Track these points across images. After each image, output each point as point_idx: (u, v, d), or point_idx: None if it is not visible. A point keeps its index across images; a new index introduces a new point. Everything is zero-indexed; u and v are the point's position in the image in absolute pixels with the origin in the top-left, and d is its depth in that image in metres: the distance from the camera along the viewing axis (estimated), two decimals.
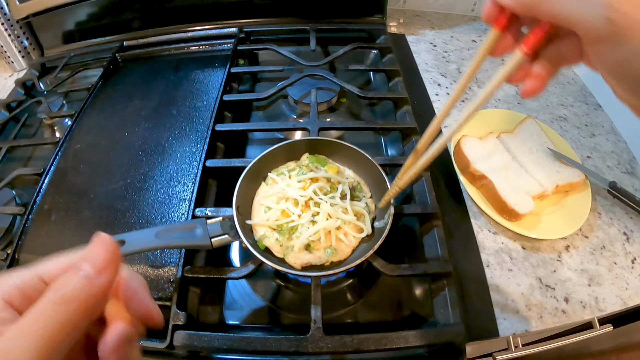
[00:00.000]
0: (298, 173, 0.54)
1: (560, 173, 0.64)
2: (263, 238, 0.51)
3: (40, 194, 0.64)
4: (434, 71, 0.88)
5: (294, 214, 0.50)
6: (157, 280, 0.53)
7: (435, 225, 0.56)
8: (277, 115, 0.80)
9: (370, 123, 0.69)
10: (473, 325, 0.51)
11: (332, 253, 0.49)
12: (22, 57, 0.96)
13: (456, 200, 0.65)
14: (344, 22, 0.93)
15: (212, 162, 0.62)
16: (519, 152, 0.67)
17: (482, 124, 0.72)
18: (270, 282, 0.57)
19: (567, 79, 0.89)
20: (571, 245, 0.61)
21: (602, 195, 0.66)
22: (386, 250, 0.48)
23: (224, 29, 0.92)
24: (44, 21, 0.93)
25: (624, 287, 0.57)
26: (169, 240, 0.45)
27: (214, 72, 0.83)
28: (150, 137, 0.71)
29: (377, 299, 0.55)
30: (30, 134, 0.81)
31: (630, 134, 0.75)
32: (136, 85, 0.82)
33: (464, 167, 0.64)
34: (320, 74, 0.78)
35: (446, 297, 0.50)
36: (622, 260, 0.59)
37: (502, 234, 0.61)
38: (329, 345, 0.45)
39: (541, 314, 0.54)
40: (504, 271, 0.57)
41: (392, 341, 0.45)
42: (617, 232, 0.62)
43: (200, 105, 0.75)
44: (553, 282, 0.57)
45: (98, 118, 0.76)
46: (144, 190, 0.63)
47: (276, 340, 0.45)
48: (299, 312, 0.54)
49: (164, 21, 0.94)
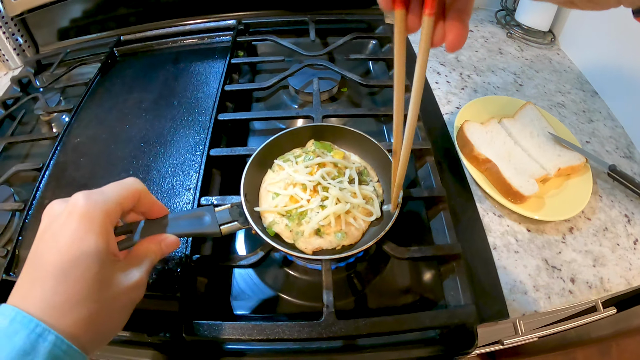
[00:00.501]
0: (305, 159, 0.53)
1: (561, 157, 0.65)
2: (272, 224, 0.50)
3: (40, 189, 0.63)
4: (432, 60, 0.88)
5: (302, 199, 0.50)
6: (163, 270, 0.52)
7: (442, 208, 0.56)
8: (278, 105, 0.80)
9: (373, 110, 0.69)
10: (483, 308, 0.52)
11: (343, 237, 0.49)
12: (17, 54, 0.94)
13: (461, 185, 0.65)
14: (343, 12, 0.93)
15: (216, 151, 0.62)
16: (521, 137, 0.68)
17: (482, 110, 0.73)
18: (278, 270, 0.57)
19: (563, 67, 0.90)
20: (575, 227, 0.61)
21: (602, 179, 0.67)
22: (394, 234, 0.48)
23: (222, 21, 0.91)
24: (38, 18, 0.91)
25: (628, 268, 0.57)
26: (177, 229, 0.44)
27: (213, 64, 0.82)
28: (151, 128, 0.70)
29: (385, 285, 0.55)
30: (27, 131, 0.79)
31: (627, 120, 0.76)
32: (135, 79, 0.81)
33: (467, 151, 0.65)
34: (321, 64, 0.78)
35: (456, 279, 0.50)
36: (624, 242, 0.60)
37: (507, 217, 0.62)
38: (342, 329, 0.44)
39: (549, 294, 0.54)
40: (511, 253, 0.58)
41: (406, 323, 0.45)
42: (618, 215, 0.63)
43: (201, 96, 0.75)
44: (559, 264, 0.57)
45: (97, 112, 0.75)
46: (148, 181, 0.62)
47: (289, 327, 0.45)
48: (307, 299, 0.54)
49: (161, 15, 0.93)
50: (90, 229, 0.32)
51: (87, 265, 0.31)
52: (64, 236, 0.32)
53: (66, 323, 0.30)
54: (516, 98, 0.78)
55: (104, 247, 0.33)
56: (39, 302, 0.30)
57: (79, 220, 0.33)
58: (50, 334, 0.28)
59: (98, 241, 0.32)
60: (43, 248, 0.33)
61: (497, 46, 0.95)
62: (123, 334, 0.50)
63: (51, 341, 0.28)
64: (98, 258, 0.32)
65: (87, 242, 0.32)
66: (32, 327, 0.28)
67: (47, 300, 0.30)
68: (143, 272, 0.37)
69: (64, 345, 0.29)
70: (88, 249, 0.32)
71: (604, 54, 0.83)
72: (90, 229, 0.32)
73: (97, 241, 0.32)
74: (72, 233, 0.32)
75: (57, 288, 0.30)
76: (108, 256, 0.33)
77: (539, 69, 0.89)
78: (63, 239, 0.32)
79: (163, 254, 0.41)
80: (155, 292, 0.51)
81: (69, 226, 0.32)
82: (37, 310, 0.29)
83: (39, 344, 0.28)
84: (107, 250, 0.33)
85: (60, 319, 0.30)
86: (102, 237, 0.33)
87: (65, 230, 0.32)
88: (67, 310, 0.30)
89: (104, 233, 0.33)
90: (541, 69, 0.89)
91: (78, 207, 0.33)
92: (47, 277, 0.30)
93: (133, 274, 0.36)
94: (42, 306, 0.30)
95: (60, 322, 0.29)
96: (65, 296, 0.30)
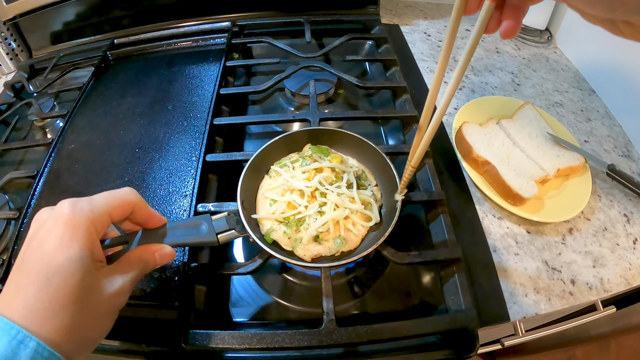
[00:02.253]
0: (302, 164, 0.53)
1: (560, 157, 0.64)
2: (270, 231, 0.50)
3: (35, 197, 0.62)
4: (429, 60, 0.88)
5: (300, 206, 0.49)
6: (161, 279, 0.52)
7: (441, 212, 0.55)
8: (274, 108, 0.79)
9: (371, 112, 0.68)
10: (484, 311, 0.51)
11: (342, 243, 0.49)
12: (10, 59, 0.93)
13: (460, 187, 0.65)
14: (338, 13, 0.93)
15: (212, 157, 0.61)
16: (519, 138, 0.67)
17: (481, 110, 0.72)
18: (277, 276, 0.56)
19: (560, 66, 0.90)
20: (574, 227, 0.61)
21: (601, 179, 0.67)
22: (393, 238, 0.48)
23: (217, 23, 0.90)
24: (31, 22, 0.90)
25: (627, 268, 0.57)
26: (174, 239, 0.43)
27: (208, 67, 0.81)
28: (146, 133, 0.69)
29: (385, 289, 0.55)
30: (21, 137, 0.78)
31: (625, 118, 0.76)
32: (129, 83, 0.80)
33: (466, 153, 0.64)
34: (317, 66, 0.77)
35: (456, 283, 0.50)
36: (623, 242, 0.60)
37: (507, 219, 0.61)
38: (343, 337, 0.44)
39: (549, 296, 0.54)
40: (511, 255, 0.57)
41: (406, 329, 0.45)
42: (617, 214, 0.63)
43: (196, 100, 0.74)
44: (559, 265, 0.57)
45: (91, 117, 0.74)
46: (143, 188, 0.61)
47: (289, 335, 0.44)
48: (307, 305, 0.53)
49: (155, 18, 0.92)
50: (74, 237, 0.33)
51: (71, 272, 0.31)
52: (49, 242, 0.32)
53: (48, 330, 0.30)
54: (514, 98, 0.77)
55: (88, 254, 0.33)
56: (22, 309, 0.30)
57: (64, 227, 0.33)
58: (31, 340, 0.28)
59: (82, 248, 0.33)
60: (29, 254, 0.33)
61: (494, 45, 0.95)
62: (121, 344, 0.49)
63: (32, 348, 0.28)
64: (81, 265, 0.32)
65: (71, 249, 0.32)
66: (13, 333, 0.28)
67: (30, 306, 0.30)
68: (127, 280, 0.37)
69: (45, 352, 0.29)
70: (72, 255, 0.32)
71: (601, 51, 0.83)
72: (74, 237, 0.33)
73: (81, 248, 0.33)
74: (56, 240, 0.32)
75: (40, 294, 0.30)
76: (92, 263, 0.34)
77: (536, 68, 0.89)
78: (48, 245, 0.32)
79: (156, 264, 0.40)
80: (154, 302, 0.50)
81: (54, 233, 0.33)
82: (20, 317, 0.29)
83: (20, 350, 0.28)
84: (91, 257, 0.33)
85: (42, 326, 0.30)
86: (87, 244, 0.33)
87: (51, 237, 0.32)
88: (50, 316, 0.30)
89: (88, 241, 0.33)
90: (538, 68, 0.89)
91: (63, 214, 0.33)
92: (31, 283, 0.31)
93: (117, 280, 0.36)
94: (25, 313, 0.30)
95: (42, 328, 0.29)
96: (48, 303, 0.30)
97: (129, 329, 0.50)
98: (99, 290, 0.34)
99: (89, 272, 0.33)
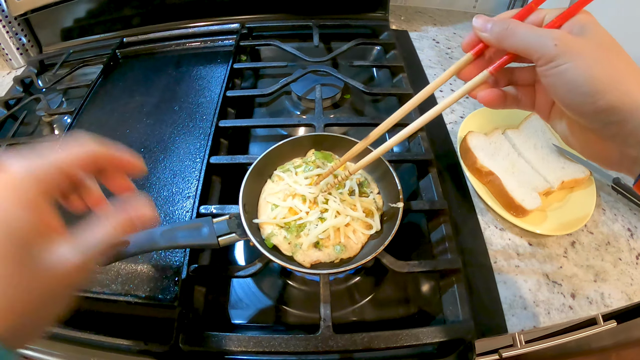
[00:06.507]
0: (304, 169, 0.53)
1: (565, 169, 0.64)
2: (271, 236, 0.50)
3: None
4: (437, 67, 0.88)
5: (301, 211, 0.49)
6: (161, 280, 0.52)
7: (443, 221, 0.55)
8: (280, 111, 0.80)
9: (376, 119, 0.68)
10: (482, 322, 0.51)
11: (342, 250, 0.49)
12: (20, 54, 0.94)
13: (462, 197, 0.64)
14: (347, 18, 0.93)
15: (216, 159, 0.61)
16: (525, 149, 0.67)
17: (486, 120, 0.72)
18: (277, 280, 0.57)
19: None
20: (577, 241, 0.61)
21: (605, 192, 0.67)
22: (393, 247, 0.48)
23: (226, 25, 0.91)
24: (42, 18, 0.91)
25: (629, 283, 0.57)
26: (175, 240, 0.44)
27: (216, 68, 0.82)
28: (152, 133, 0.70)
29: (384, 297, 0.55)
30: (29, 132, 0.79)
31: None
32: (137, 82, 0.81)
33: (470, 163, 0.64)
34: (324, 70, 0.77)
35: (455, 293, 0.50)
36: (626, 256, 0.60)
37: (509, 230, 0.61)
38: (339, 343, 0.44)
39: (549, 310, 0.54)
40: (511, 267, 0.57)
41: (403, 339, 0.45)
42: (621, 228, 0.63)
43: (202, 101, 0.74)
44: (560, 278, 0.57)
45: (99, 115, 0.75)
46: (147, 188, 0.62)
47: (286, 340, 0.45)
48: (306, 310, 0.54)
49: (165, 17, 0.93)
50: (17, 200, 0.27)
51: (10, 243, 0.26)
52: None
53: None
54: None
55: (34, 221, 0.27)
56: None
57: (4, 189, 0.27)
58: None
59: (26, 213, 0.27)
60: None
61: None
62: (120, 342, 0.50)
63: None
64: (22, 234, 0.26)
65: (13, 215, 0.26)
66: None
67: None
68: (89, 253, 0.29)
69: None
70: (13, 222, 0.26)
71: None
72: (17, 200, 0.27)
73: (24, 214, 0.27)
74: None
75: None
76: (39, 233, 0.28)
77: None
78: None
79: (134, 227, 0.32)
80: (153, 302, 0.50)
81: None
82: None
83: None
84: (37, 225, 0.28)
85: None
86: (33, 209, 0.27)
87: None
88: None
89: (34, 205, 0.28)
90: None
91: (8, 174, 0.28)
92: None
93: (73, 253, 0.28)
94: None
95: None
96: None
97: (127, 327, 0.50)
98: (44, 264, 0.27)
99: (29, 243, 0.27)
